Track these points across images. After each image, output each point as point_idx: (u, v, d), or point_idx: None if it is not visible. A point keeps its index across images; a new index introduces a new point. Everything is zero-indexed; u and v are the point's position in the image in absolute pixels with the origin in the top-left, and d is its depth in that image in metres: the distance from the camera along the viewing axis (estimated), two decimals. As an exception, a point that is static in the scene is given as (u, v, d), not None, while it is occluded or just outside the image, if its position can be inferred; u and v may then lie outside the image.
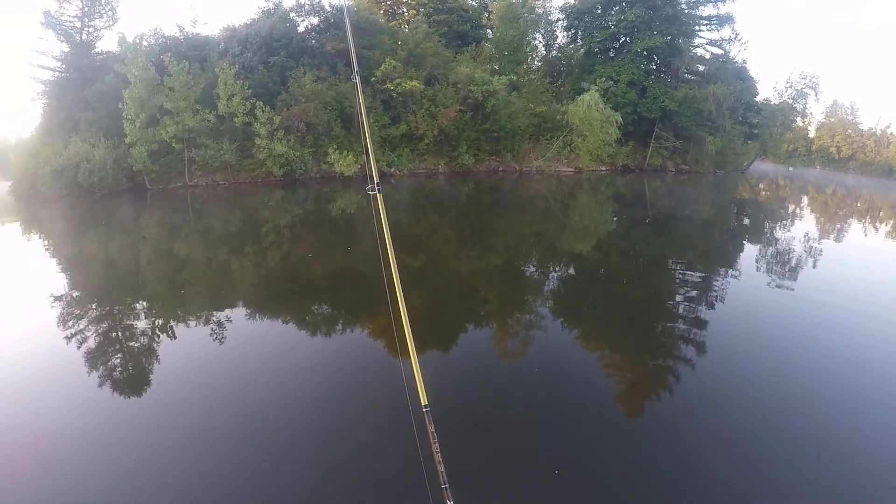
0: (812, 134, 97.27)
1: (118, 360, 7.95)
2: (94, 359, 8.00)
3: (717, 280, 13.70)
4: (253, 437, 5.78)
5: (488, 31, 47.64)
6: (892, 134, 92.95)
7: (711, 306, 11.44)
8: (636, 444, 6.07)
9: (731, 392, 6.95)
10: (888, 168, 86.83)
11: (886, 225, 34.81)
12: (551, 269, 15.02)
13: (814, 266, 16.42)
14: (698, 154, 47.66)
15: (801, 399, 7.17)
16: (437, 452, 3.52)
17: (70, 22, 33.68)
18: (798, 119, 58.24)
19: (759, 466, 5.60)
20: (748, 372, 7.82)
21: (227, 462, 5.37)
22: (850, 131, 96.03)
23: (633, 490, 5.25)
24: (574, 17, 48.49)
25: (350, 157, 32.03)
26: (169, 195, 26.84)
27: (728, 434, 5.94)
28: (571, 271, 14.91)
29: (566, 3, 49.61)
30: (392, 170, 35.03)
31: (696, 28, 48.17)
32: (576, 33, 49.62)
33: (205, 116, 29.11)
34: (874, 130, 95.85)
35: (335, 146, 32.34)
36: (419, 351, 7.74)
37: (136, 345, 8.64)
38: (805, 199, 46.34)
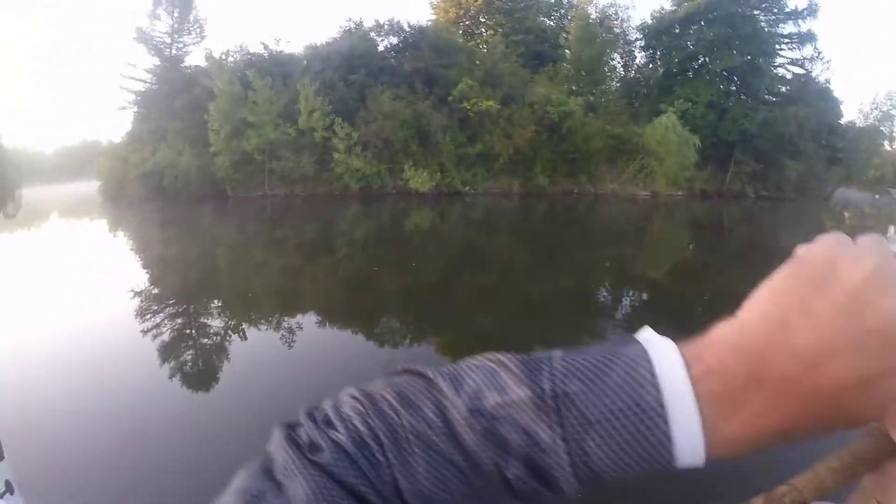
0: None
1: (167, 357, 8.04)
2: (150, 356, 8.07)
3: None
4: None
5: (566, 51, 46.71)
6: None
7: None
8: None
9: None
10: None
11: None
12: (623, 292, 14.71)
13: None
14: (779, 179, 45.50)
15: None
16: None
17: (160, 38, 35.30)
18: (886, 143, 55.06)
19: None
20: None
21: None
22: None
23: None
24: (652, 37, 47.29)
25: (425, 174, 32.16)
26: (249, 203, 27.78)
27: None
28: (643, 297, 14.59)
29: (644, 23, 48.43)
30: (467, 188, 34.83)
31: (777, 47, 46.41)
32: (654, 53, 48.34)
33: (286, 130, 29.93)
34: None
35: (411, 163, 32.45)
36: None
37: (187, 343, 8.78)
38: (892, 229, 43.83)
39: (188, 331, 9.37)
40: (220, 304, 11.30)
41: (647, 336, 0.41)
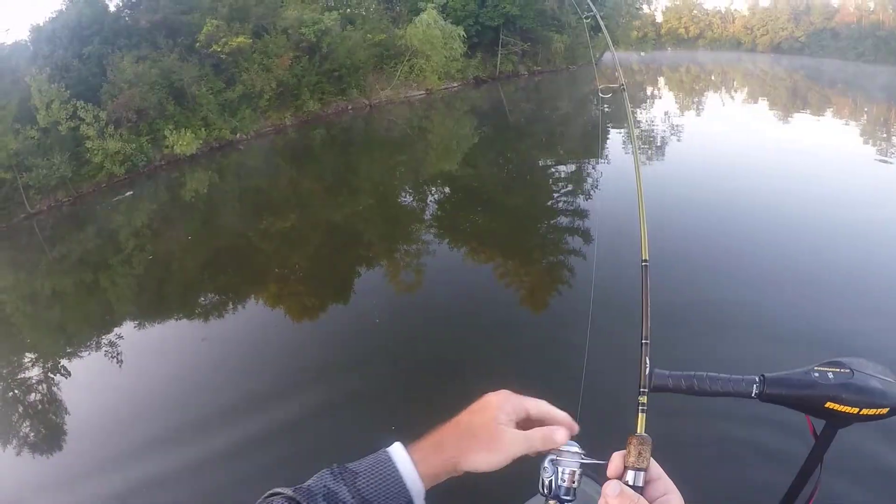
0: (659, 19, 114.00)
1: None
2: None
3: (589, 169, 16.32)
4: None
5: (313, -32, 48.24)
6: (736, 10, 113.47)
7: (588, 196, 14.05)
8: (553, 335, 8.12)
9: (621, 269, 6.85)
10: (736, 41, 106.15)
11: (742, 92, 40.73)
12: (424, 194, 16.94)
13: (679, 140, 20.22)
14: (548, 54, 51.71)
15: (678, 263, 9.70)
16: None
17: None
18: (644, 7, 64.49)
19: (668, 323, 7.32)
20: (633, 244, 9.05)
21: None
22: (695, 12, 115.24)
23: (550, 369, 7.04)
24: (401, -64, 49.01)
25: (188, 134, 33.75)
26: (14, 231, 27.51)
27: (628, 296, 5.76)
28: (445, 191, 17.07)
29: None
30: (237, 136, 36.96)
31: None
32: (405, -47, 50.24)
33: (28, 134, 29.61)
34: (719, 9, 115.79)
35: (172, 126, 33.95)
36: (319, 308, 10.97)
37: (45, 394, 9.94)
38: (661, 80, 51.92)
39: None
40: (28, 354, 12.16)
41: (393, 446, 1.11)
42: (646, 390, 1.51)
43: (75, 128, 31.47)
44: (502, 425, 1.11)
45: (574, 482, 1.10)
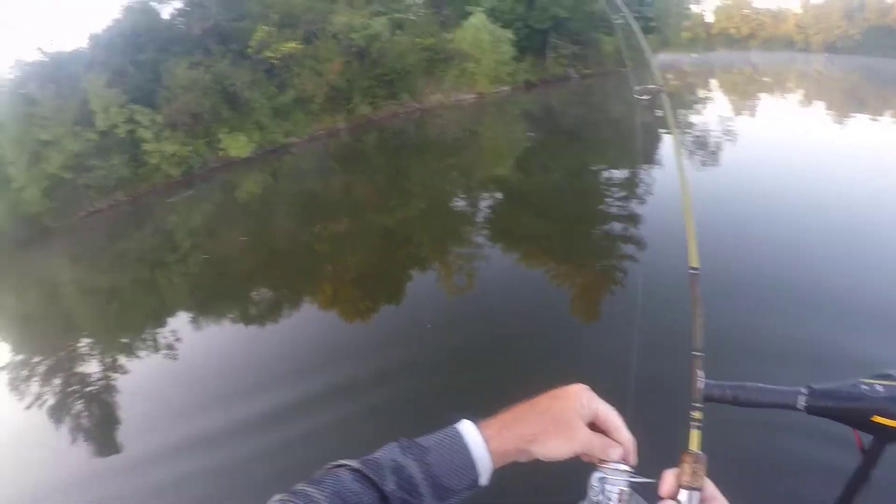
0: (710, 19, 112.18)
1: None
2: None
3: (642, 174, 15.80)
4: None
5: (362, -27, 48.71)
6: (787, 9, 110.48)
7: (642, 200, 13.72)
8: (596, 343, 7.86)
9: (671, 277, 5.83)
10: (788, 41, 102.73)
11: (797, 94, 39.49)
12: (476, 198, 16.81)
13: (733, 144, 19.82)
14: (599, 56, 51.10)
15: (738, 265, 9.39)
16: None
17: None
18: (693, 6, 63.61)
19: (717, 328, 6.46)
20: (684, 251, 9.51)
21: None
22: (746, 11, 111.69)
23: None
24: (445, -58, 49.08)
25: (242, 137, 34.12)
26: (75, 228, 28.33)
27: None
28: (497, 196, 16.87)
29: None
30: (290, 139, 37.14)
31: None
32: (452, -43, 50.30)
33: (87, 136, 30.41)
34: (770, 8, 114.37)
35: (226, 130, 34.32)
36: (372, 311, 10.76)
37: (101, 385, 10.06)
38: (714, 82, 51.01)
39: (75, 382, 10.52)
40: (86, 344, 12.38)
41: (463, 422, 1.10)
42: (699, 405, 1.53)
43: (132, 131, 32.11)
44: (580, 418, 1.11)
45: (622, 502, 1.07)
